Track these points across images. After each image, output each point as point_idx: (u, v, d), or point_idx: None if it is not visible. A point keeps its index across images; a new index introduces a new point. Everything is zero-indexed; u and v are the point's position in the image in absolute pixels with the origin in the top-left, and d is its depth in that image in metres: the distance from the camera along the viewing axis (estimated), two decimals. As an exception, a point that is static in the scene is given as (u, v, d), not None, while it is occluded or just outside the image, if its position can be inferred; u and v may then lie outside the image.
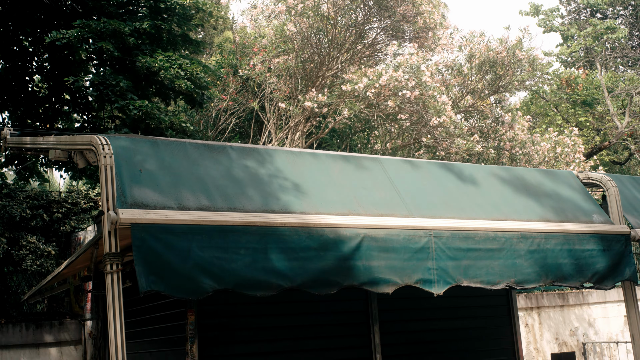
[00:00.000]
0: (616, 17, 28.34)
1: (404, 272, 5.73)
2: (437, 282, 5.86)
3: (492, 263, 6.19)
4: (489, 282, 6.16)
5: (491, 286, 6.18)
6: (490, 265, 6.18)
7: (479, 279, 6.11)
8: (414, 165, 7.12)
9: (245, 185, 5.62)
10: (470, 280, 6.05)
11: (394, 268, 5.69)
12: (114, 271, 4.72)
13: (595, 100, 23.08)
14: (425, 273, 5.83)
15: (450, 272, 5.92)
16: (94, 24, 10.84)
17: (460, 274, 5.98)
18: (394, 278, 5.67)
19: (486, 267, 6.16)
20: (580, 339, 14.76)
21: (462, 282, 6.00)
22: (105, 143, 5.08)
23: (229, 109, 16.25)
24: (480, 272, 6.11)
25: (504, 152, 15.30)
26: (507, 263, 6.28)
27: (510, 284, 6.26)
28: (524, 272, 6.35)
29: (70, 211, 12.08)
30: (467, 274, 6.02)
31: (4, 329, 10.24)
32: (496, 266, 6.21)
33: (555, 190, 7.53)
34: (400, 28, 15.34)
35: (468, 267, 6.04)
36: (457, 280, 5.95)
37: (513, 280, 6.26)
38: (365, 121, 15.94)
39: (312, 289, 5.32)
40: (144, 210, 4.85)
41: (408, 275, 5.75)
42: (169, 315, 6.81)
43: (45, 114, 12.74)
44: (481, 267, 6.12)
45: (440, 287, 5.87)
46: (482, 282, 6.13)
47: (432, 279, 5.85)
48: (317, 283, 5.34)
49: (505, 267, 6.26)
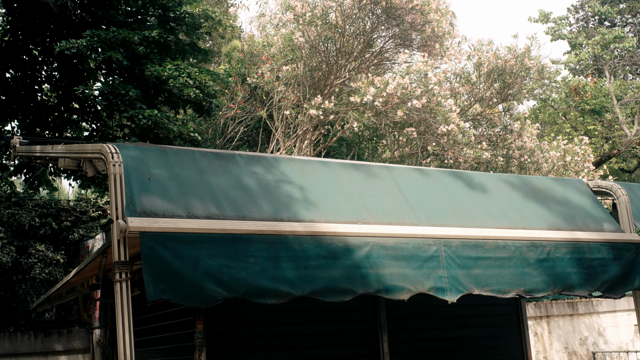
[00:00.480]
0: (624, 24, 28.28)
1: (416, 280, 5.69)
2: (450, 290, 5.82)
3: (502, 272, 6.16)
4: (500, 291, 6.13)
5: (501, 295, 6.14)
6: (500, 274, 6.14)
7: (490, 288, 6.07)
8: (423, 173, 7.10)
9: (254, 194, 5.62)
10: (482, 289, 6.02)
11: (406, 276, 5.65)
12: (123, 280, 4.71)
13: (604, 108, 23.02)
14: (437, 281, 5.79)
15: (461, 280, 5.89)
16: (103, 34, 10.89)
17: (471, 282, 5.95)
18: (407, 285, 5.62)
19: (496, 276, 6.12)
20: (590, 348, 14.67)
21: (474, 290, 5.97)
22: (115, 152, 5.09)
23: (237, 117, 16.28)
24: (490, 281, 6.08)
25: (513, 161, 15.26)
26: (516, 272, 6.24)
27: (520, 292, 6.23)
28: (534, 281, 6.31)
29: (79, 219, 12.12)
30: (478, 283, 5.99)
31: (13, 337, 10.26)
32: (506, 275, 6.17)
33: (565, 198, 7.49)
34: (408, 37, 15.35)
35: (479, 275, 6.01)
36: (469, 288, 5.92)
37: (522, 289, 6.22)
38: (373, 129, 15.94)
39: (324, 297, 5.26)
40: (153, 218, 4.84)
41: (421, 283, 5.71)
42: (177, 324, 6.79)
43: (55, 123, 12.80)
44: (492, 276, 6.09)
45: (453, 295, 5.83)
46: (492, 291, 6.09)
47: (445, 287, 5.81)
48: (330, 291, 5.29)
49: (515, 276, 6.22)
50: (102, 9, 11.92)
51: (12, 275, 11.41)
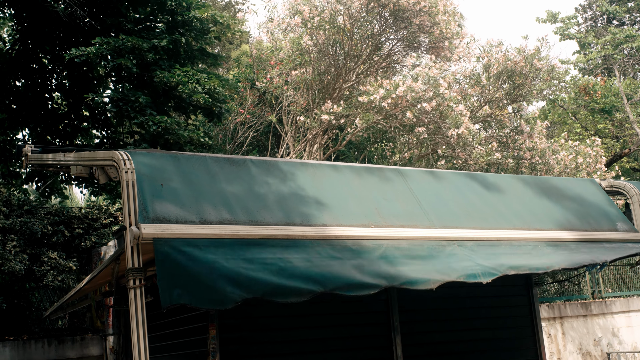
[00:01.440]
0: (633, 23, 28.16)
1: (442, 271, 5.54)
2: (482, 274, 5.64)
3: (528, 257, 6.05)
4: (538, 268, 5.96)
5: (542, 271, 5.98)
6: (528, 259, 6.03)
7: (526, 267, 5.90)
8: (435, 175, 7.08)
9: (267, 199, 5.61)
10: (518, 269, 5.82)
11: (429, 270, 5.52)
12: (137, 286, 4.71)
13: (614, 107, 22.92)
14: (466, 269, 5.60)
15: (490, 266, 5.75)
16: (112, 41, 10.93)
17: (501, 266, 5.80)
18: (433, 277, 5.42)
19: (525, 261, 6.00)
20: (605, 349, 14.58)
21: (509, 271, 5.76)
22: (127, 159, 5.09)
23: (246, 122, 16.30)
24: (521, 264, 5.93)
25: (523, 162, 15.20)
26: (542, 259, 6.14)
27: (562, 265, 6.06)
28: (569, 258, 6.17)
29: (91, 227, 12.16)
30: (510, 266, 5.84)
31: (27, 345, 10.29)
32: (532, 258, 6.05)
33: (578, 197, 7.45)
34: (416, 39, 15.33)
35: (508, 261, 5.89)
36: (503, 270, 5.73)
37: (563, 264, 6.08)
38: (382, 132, 15.92)
39: (349, 292, 5.06)
40: (166, 224, 4.84)
41: (447, 273, 5.51)
42: (191, 330, 6.79)
43: (65, 131, 12.85)
44: (521, 261, 5.97)
45: (486, 277, 5.65)
46: (530, 269, 5.90)
47: (476, 273, 5.63)
48: (354, 286, 5.11)
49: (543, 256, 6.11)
50: (111, 17, 11.97)
51: (25, 283, 11.45)
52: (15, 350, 10.18)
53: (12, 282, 11.17)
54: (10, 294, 11.27)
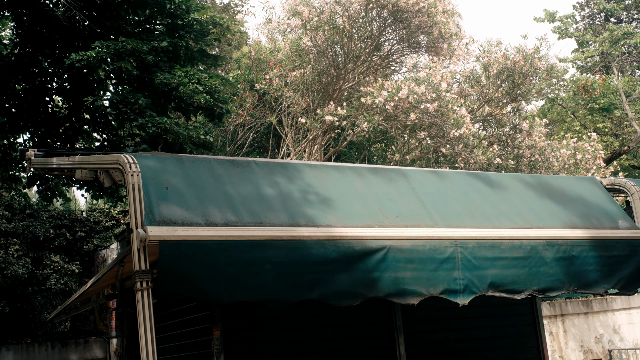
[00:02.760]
0: (631, 20, 28.21)
1: (429, 283, 5.71)
2: (463, 293, 5.84)
3: (518, 272, 6.16)
4: (514, 291, 6.13)
5: (515, 295, 6.14)
6: (516, 274, 6.14)
7: (504, 288, 6.08)
8: (437, 175, 7.11)
9: (271, 200, 5.64)
10: (495, 290, 6.02)
11: (420, 279, 5.68)
12: (144, 288, 4.74)
13: (613, 105, 22.97)
14: (451, 283, 5.81)
15: (475, 282, 5.90)
16: (112, 44, 10.95)
17: (485, 283, 5.95)
18: (419, 289, 5.66)
19: (512, 276, 6.12)
20: (606, 346, 14.62)
21: (487, 291, 5.98)
22: (132, 162, 5.12)
23: (246, 124, 16.33)
24: (505, 281, 6.08)
25: (523, 160, 15.24)
26: (532, 271, 6.24)
27: (532, 292, 6.22)
28: (548, 280, 6.31)
29: (93, 230, 12.19)
30: (493, 284, 6.00)
31: (30, 348, 10.31)
32: (522, 275, 6.17)
33: (579, 196, 7.49)
34: (415, 39, 15.37)
35: (494, 276, 6.02)
36: (482, 290, 5.93)
37: (536, 288, 6.22)
38: (383, 133, 15.95)
39: (333, 301, 5.33)
40: (172, 227, 4.87)
41: (434, 286, 5.74)
42: (195, 331, 6.82)
43: (66, 134, 12.87)
44: (507, 276, 6.09)
45: (465, 297, 5.84)
46: (506, 292, 6.10)
47: (458, 289, 5.82)
48: (339, 295, 5.34)
49: (530, 276, 6.22)
50: (111, 20, 12.00)
51: (27, 287, 11.48)
52: (19, 353, 10.21)
53: (15, 285, 11.20)
54: (13, 298, 11.30)
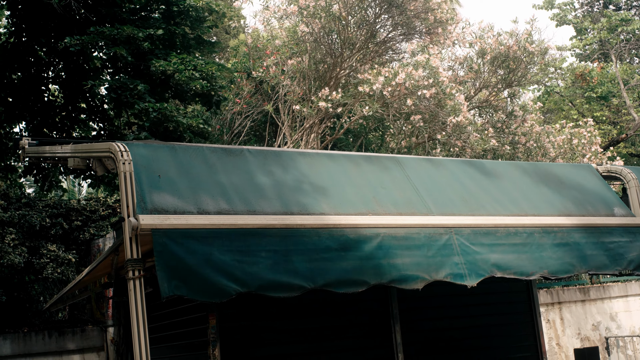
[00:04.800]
0: (629, 7, 28.10)
1: (430, 268, 5.66)
2: (469, 275, 5.77)
3: (521, 256, 6.14)
4: (523, 273, 6.07)
5: (525, 277, 6.09)
6: (519, 257, 6.12)
7: (512, 270, 6.02)
8: (432, 163, 7.09)
9: (264, 188, 5.62)
10: (504, 272, 5.95)
11: (420, 265, 5.64)
12: (136, 277, 4.73)
13: (611, 93, 22.91)
14: (453, 267, 5.75)
15: (480, 264, 5.85)
16: (107, 31, 10.89)
17: (492, 266, 5.90)
18: (422, 274, 5.59)
19: (516, 260, 6.09)
20: (603, 334, 14.64)
21: (496, 273, 5.90)
22: (124, 150, 5.10)
23: (243, 112, 16.28)
24: (511, 264, 6.04)
25: (519, 146, 15.21)
26: (535, 256, 6.23)
27: (544, 274, 6.18)
28: (555, 264, 6.28)
29: (89, 219, 12.16)
30: (499, 266, 5.94)
31: (27, 337, 10.32)
32: (525, 259, 6.15)
33: (575, 183, 7.47)
34: (411, 25, 15.29)
35: (498, 259, 5.98)
36: (491, 272, 5.86)
37: (546, 271, 6.18)
38: (379, 120, 15.91)
39: (337, 289, 5.27)
40: (164, 215, 4.86)
41: (435, 270, 5.67)
42: (190, 320, 6.82)
43: (62, 123, 12.82)
44: (511, 260, 6.06)
45: (473, 279, 5.78)
46: (515, 273, 6.03)
47: (463, 273, 5.76)
48: (343, 283, 5.30)
49: (534, 260, 6.20)
50: (106, 7, 11.92)
51: (24, 276, 11.46)
52: (15, 342, 10.21)
53: (12, 275, 11.19)
54: (10, 287, 11.30)
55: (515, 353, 8.06)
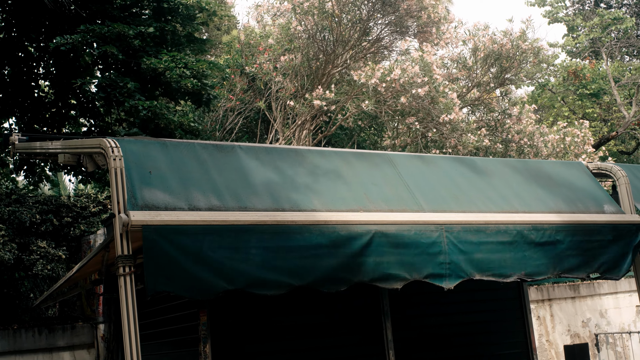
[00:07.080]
0: (620, 6, 28.19)
1: (413, 267, 5.70)
2: (449, 277, 5.83)
3: (504, 256, 6.17)
4: (501, 275, 6.14)
5: (503, 279, 6.15)
6: (502, 258, 6.15)
7: (491, 272, 6.08)
8: (423, 160, 7.10)
9: (256, 185, 5.61)
10: (483, 274, 6.02)
11: (404, 264, 5.66)
12: (126, 273, 4.71)
13: (602, 90, 22.99)
14: (436, 268, 5.80)
15: (462, 266, 5.89)
16: (97, 28, 10.85)
17: (472, 267, 5.95)
18: (403, 273, 5.64)
19: (498, 260, 6.13)
20: (593, 330, 14.71)
21: (475, 275, 5.97)
22: (115, 146, 5.08)
23: (235, 109, 16.25)
24: (492, 266, 6.09)
25: (512, 145, 15.24)
26: (518, 256, 6.26)
27: (521, 276, 6.24)
28: (535, 264, 6.32)
29: (80, 215, 12.11)
30: (480, 268, 6.00)
31: (17, 334, 10.27)
32: (508, 259, 6.18)
33: (565, 180, 7.50)
34: (404, 23, 15.31)
35: (480, 260, 6.02)
36: (470, 274, 5.92)
37: (524, 272, 6.24)
38: (373, 117, 15.92)
39: (322, 287, 5.32)
40: (155, 211, 4.83)
41: (418, 270, 5.72)
42: (182, 316, 6.81)
43: (53, 119, 12.77)
44: (493, 261, 6.10)
45: (451, 281, 5.83)
46: (494, 275, 6.10)
47: (444, 273, 5.81)
48: (327, 281, 5.33)
49: (516, 260, 6.23)
50: (97, 4, 11.87)
51: (14, 273, 11.41)
52: (5, 339, 10.16)
53: (1, 271, 11.14)
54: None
55: (505, 349, 8.09)
